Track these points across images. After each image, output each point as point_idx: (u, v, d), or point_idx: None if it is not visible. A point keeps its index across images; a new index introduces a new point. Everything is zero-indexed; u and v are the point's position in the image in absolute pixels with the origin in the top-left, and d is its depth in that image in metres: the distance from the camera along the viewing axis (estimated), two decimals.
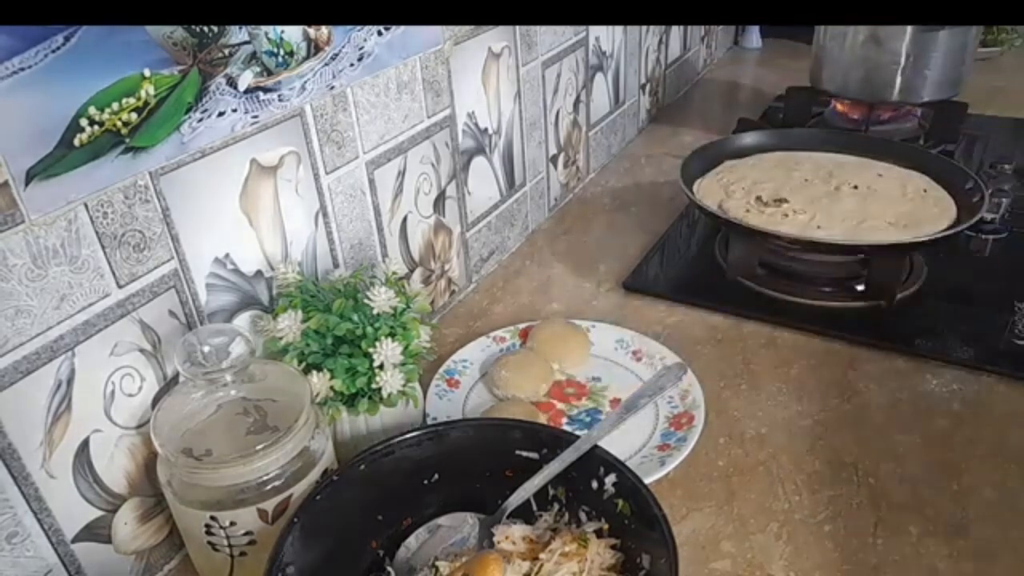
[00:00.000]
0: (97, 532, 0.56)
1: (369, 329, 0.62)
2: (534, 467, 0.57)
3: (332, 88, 0.68)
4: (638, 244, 1.04)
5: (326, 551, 0.52)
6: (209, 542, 0.55)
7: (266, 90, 0.61)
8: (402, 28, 0.74)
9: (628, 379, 0.79)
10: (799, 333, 0.84)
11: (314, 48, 0.64)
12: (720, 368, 0.80)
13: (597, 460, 0.55)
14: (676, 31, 1.49)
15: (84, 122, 0.49)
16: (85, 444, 0.54)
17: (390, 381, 0.62)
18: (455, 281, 0.94)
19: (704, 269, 0.98)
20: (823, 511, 0.64)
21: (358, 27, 0.69)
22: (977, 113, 1.30)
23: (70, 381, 0.52)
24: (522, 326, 0.86)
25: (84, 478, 0.54)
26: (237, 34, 0.58)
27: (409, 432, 0.58)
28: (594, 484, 0.55)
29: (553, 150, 1.11)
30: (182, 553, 0.62)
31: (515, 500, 0.57)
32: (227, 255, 0.62)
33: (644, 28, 1.33)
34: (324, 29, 0.65)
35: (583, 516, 0.57)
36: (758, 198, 0.94)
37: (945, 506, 0.63)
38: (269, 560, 0.48)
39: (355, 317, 0.62)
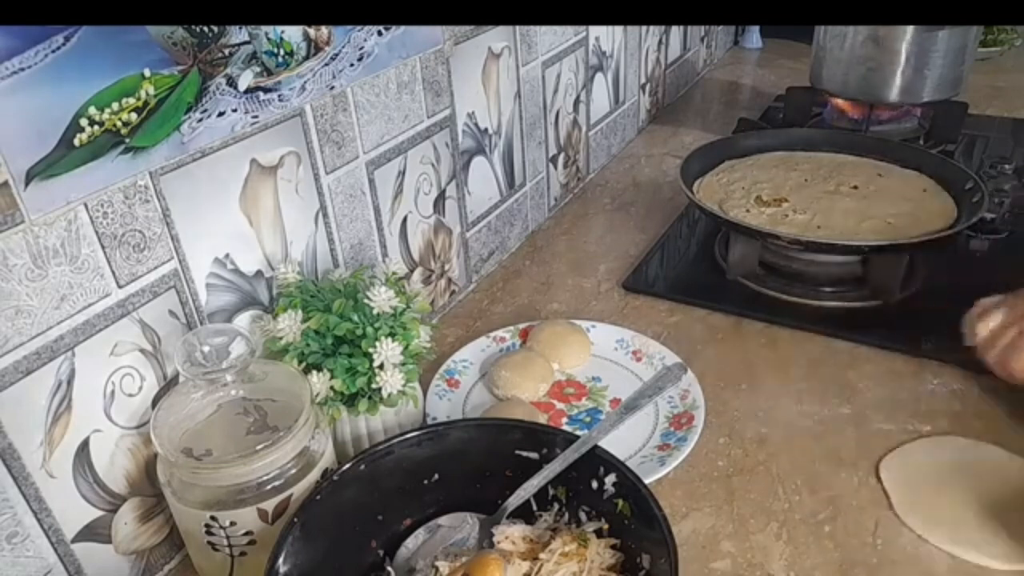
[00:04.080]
0: (97, 532, 0.56)
1: (369, 329, 0.62)
2: (534, 467, 0.57)
3: (332, 88, 0.68)
4: (638, 244, 1.04)
5: (326, 551, 0.52)
6: (209, 542, 0.55)
7: (266, 90, 0.61)
8: (402, 28, 0.74)
9: (628, 379, 0.79)
10: (799, 333, 0.84)
11: (314, 48, 0.64)
12: (720, 368, 0.80)
13: (597, 460, 0.55)
14: (676, 31, 1.49)
15: (84, 122, 0.49)
16: (85, 444, 0.54)
17: (390, 381, 0.62)
18: (455, 281, 0.94)
19: (704, 269, 0.98)
20: (823, 511, 0.64)
21: (358, 27, 0.69)
22: (977, 113, 1.30)
23: (70, 381, 0.52)
24: (522, 326, 0.86)
25: (84, 478, 0.54)
26: (237, 34, 0.58)
27: (409, 432, 0.58)
28: (594, 484, 0.55)
29: (553, 150, 1.11)
30: (182, 553, 0.62)
31: (515, 500, 0.57)
32: (227, 255, 0.62)
33: (644, 28, 1.33)
34: (324, 29, 0.65)
35: (583, 516, 0.57)
36: (758, 198, 0.94)
37: None
38: (269, 560, 0.48)
39: (355, 317, 0.62)
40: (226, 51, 0.57)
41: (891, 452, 0.68)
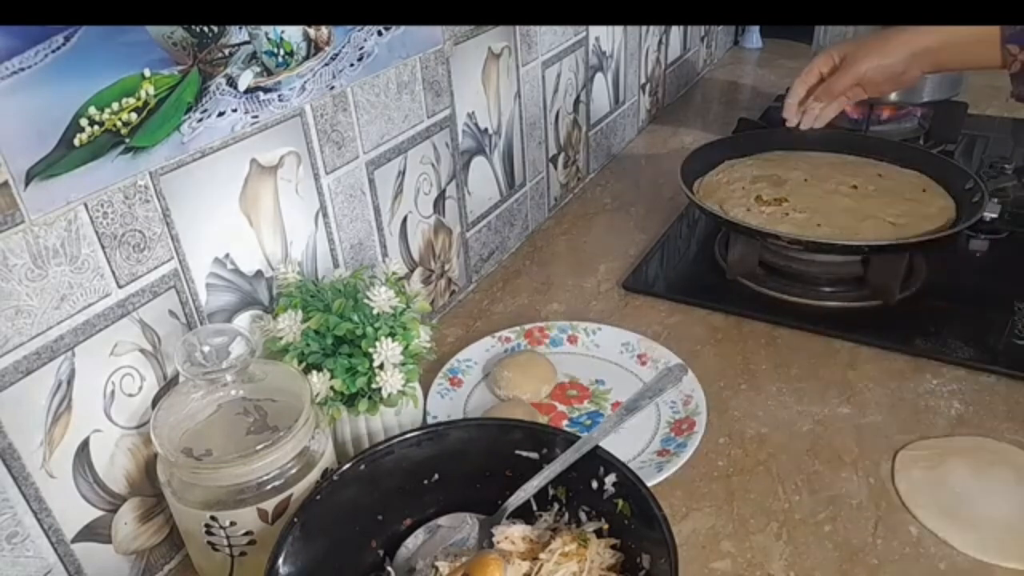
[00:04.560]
0: (97, 532, 0.56)
1: (369, 329, 0.62)
2: (534, 467, 0.57)
3: (332, 88, 0.68)
4: (638, 244, 1.04)
5: (326, 551, 0.52)
6: (209, 542, 0.55)
7: (266, 90, 0.61)
8: (402, 28, 0.74)
9: (632, 383, 0.78)
10: (799, 333, 0.84)
11: (314, 48, 0.64)
12: (720, 368, 0.80)
13: (597, 460, 0.55)
14: (676, 31, 1.49)
15: (84, 122, 0.49)
16: (85, 444, 0.54)
17: (390, 381, 0.62)
18: (455, 281, 0.94)
19: (704, 269, 0.98)
20: (823, 511, 0.64)
21: (358, 27, 0.69)
22: (977, 113, 1.30)
23: (70, 381, 0.52)
24: (528, 326, 0.86)
25: (84, 478, 0.54)
26: (237, 34, 0.58)
27: (409, 432, 0.58)
28: (594, 484, 0.55)
29: (553, 150, 1.11)
30: (182, 553, 0.62)
31: (515, 500, 0.57)
32: (227, 255, 0.62)
33: (644, 28, 1.33)
34: (324, 29, 0.65)
35: (583, 516, 0.57)
36: (758, 198, 0.94)
37: None
38: (269, 560, 0.48)
39: (355, 317, 0.62)
40: (226, 51, 0.57)
41: (898, 453, 0.68)
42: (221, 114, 0.58)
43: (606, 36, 1.18)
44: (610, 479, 0.54)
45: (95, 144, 0.50)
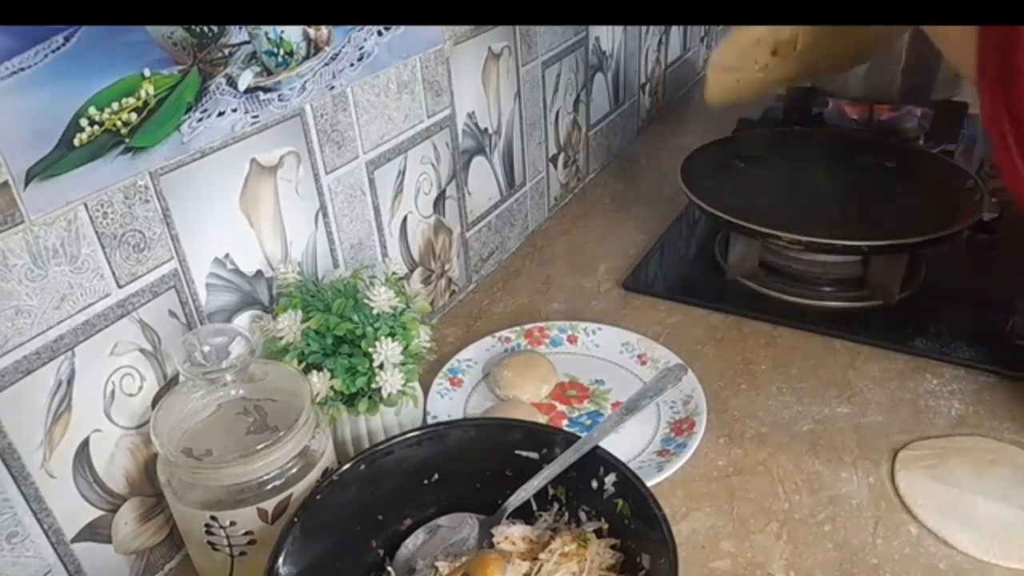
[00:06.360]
0: (97, 532, 0.56)
1: (369, 329, 0.62)
2: (534, 467, 0.57)
3: (332, 88, 0.68)
4: (638, 244, 1.04)
5: (326, 551, 0.52)
6: (209, 542, 0.55)
7: (266, 90, 0.61)
8: (402, 28, 0.74)
9: (632, 383, 0.78)
10: (799, 333, 0.84)
11: (314, 48, 0.64)
12: (720, 368, 0.80)
13: (597, 460, 0.55)
14: (676, 31, 1.49)
15: (84, 122, 0.49)
16: (85, 444, 0.54)
17: (390, 381, 0.62)
18: (455, 281, 0.94)
19: (704, 269, 0.98)
20: (823, 511, 0.64)
21: (358, 27, 0.69)
22: (977, 113, 1.29)
23: (70, 381, 0.52)
24: (528, 326, 0.86)
25: (84, 478, 0.54)
26: (237, 34, 0.58)
27: (409, 432, 0.58)
28: (594, 484, 0.55)
29: (553, 150, 1.11)
30: (182, 553, 0.62)
31: (515, 500, 0.57)
32: (227, 255, 0.62)
33: (644, 28, 1.33)
34: (324, 29, 0.65)
35: (583, 516, 0.57)
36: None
37: None
38: (269, 560, 0.48)
39: (355, 317, 0.62)
40: (226, 51, 0.57)
41: (898, 453, 0.68)
42: (221, 114, 0.58)
43: (606, 36, 1.18)
44: (610, 479, 0.54)
45: (95, 144, 0.50)
